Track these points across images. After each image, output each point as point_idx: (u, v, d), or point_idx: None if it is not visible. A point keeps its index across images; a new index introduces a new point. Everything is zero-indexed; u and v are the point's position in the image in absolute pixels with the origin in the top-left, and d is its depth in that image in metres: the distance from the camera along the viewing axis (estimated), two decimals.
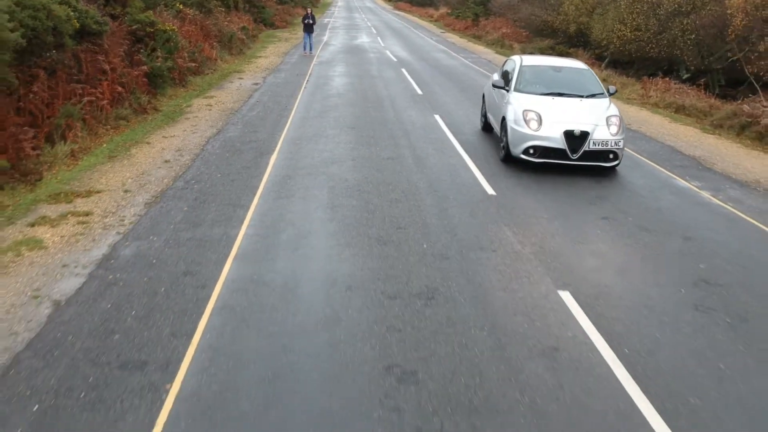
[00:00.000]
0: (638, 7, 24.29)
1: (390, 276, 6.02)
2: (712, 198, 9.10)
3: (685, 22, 22.49)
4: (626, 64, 27.15)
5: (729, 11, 19.92)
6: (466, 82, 19.34)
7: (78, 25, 11.60)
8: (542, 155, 9.27)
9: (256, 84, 17.42)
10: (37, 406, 4.06)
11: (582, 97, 9.98)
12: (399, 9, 79.23)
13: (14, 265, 6.03)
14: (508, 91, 10.27)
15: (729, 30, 19.60)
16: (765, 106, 14.12)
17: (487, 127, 12.08)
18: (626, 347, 4.99)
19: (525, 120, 9.33)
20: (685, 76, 23.23)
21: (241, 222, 7.22)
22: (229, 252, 6.43)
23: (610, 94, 10.38)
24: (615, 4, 25.96)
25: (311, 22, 25.28)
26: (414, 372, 4.50)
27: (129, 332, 4.94)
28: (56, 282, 5.73)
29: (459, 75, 21.20)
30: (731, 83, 21.91)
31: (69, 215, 7.33)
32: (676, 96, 17.90)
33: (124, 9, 15.44)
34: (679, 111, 16.58)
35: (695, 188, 9.56)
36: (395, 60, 24.35)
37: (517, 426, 4.03)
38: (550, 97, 9.85)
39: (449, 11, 57.27)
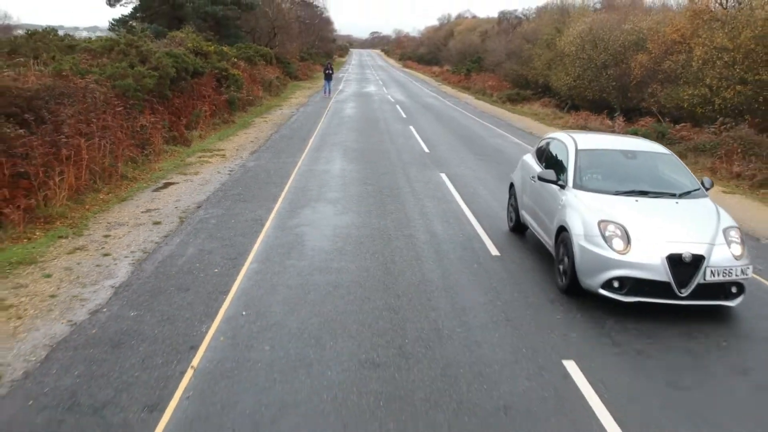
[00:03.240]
0: (577, 62, 32.09)
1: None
2: None
3: (609, 72, 30.20)
4: (579, 107, 34.81)
5: (633, 65, 27.59)
6: (443, 112, 27.12)
7: (192, 68, 19.44)
8: (634, 291, 6.04)
9: (293, 112, 25.25)
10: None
11: (675, 196, 6.99)
12: (407, 67, 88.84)
13: (203, 165, 13.47)
14: (563, 187, 7.17)
15: (630, 78, 27.23)
16: None
17: (520, 225, 8.80)
18: None
19: (603, 236, 6.17)
20: (616, 114, 30.82)
21: (296, 163, 14.58)
22: (294, 168, 13.77)
23: (707, 189, 7.34)
24: (563, 60, 33.83)
25: (330, 72, 33.43)
26: (369, 179, 11.74)
27: (256, 185, 12.25)
28: (218, 173, 13.07)
29: (438, 109, 29.02)
30: (643, 115, 29.40)
31: (213, 155, 14.83)
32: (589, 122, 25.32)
33: (206, 60, 23.40)
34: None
35: None
36: (393, 100, 32.33)
37: (409, 201, 11.20)
38: (631, 198, 6.80)
39: (449, 68, 66.08)
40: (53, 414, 4.38)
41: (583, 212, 6.55)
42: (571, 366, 5.14)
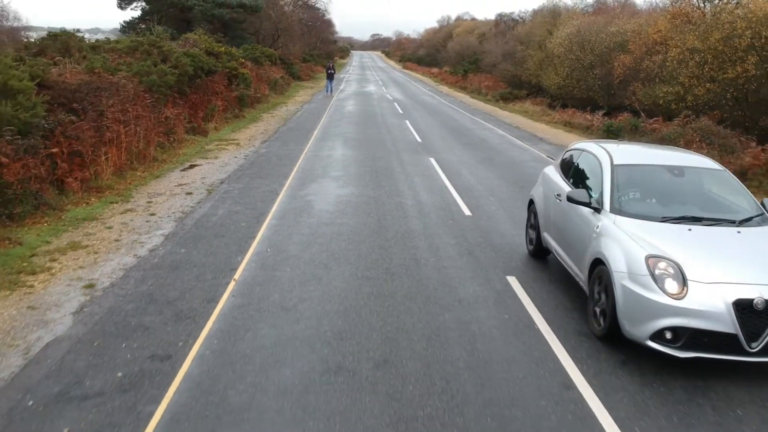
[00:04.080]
0: (566, 62, 33.91)
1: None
2: None
3: (595, 72, 32.02)
4: (567, 105, 36.62)
5: (616, 65, 29.42)
6: (437, 109, 28.97)
7: (207, 67, 21.28)
8: (692, 344, 4.90)
9: (297, 108, 27.11)
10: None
11: (736, 223, 5.83)
12: (407, 68, 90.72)
13: (221, 151, 15.32)
14: (598, 210, 6.04)
15: (614, 78, 29.06)
16: None
17: (541, 249, 7.67)
18: None
19: (653, 275, 5.01)
20: (604, 111, 32.63)
21: (303, 150, 16.39)
22: (301, 154, 15.59)
23: None
24: (552, 60, 35.67)
25: (332, 72, 35.30)
26: (366, 162, 13.56)
27: (269, 166, 14.07)
28: (235, 158, 14.89)
29: (433, 107, 30.88)
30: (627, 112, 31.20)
31: (229, 143, 16.68)
32: (574, 117, 27.14)
33: (218, 60, 25.24)
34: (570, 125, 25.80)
35: None
36: (391, 98, 34.20)
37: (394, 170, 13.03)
38: (683, 227, 5.66)
39: (448, 69, 67.95)
40: (139, 304, 6.22)
41: (626, 244, 5.37)
42: (512, 279, 7.00)
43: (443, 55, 78.04)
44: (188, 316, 5.92)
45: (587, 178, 6.80)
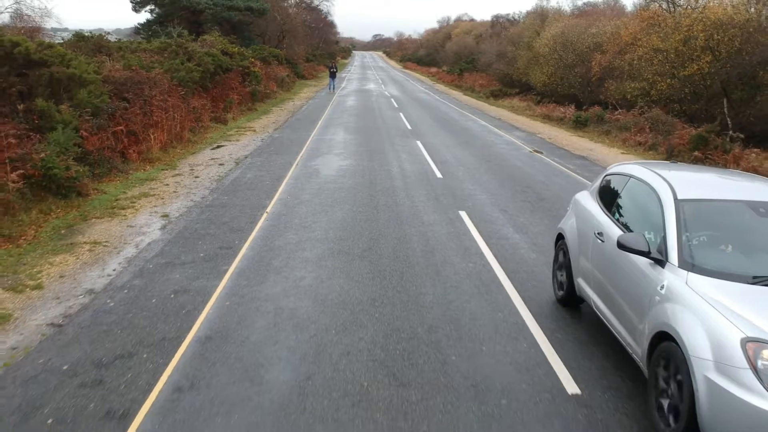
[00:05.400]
0: (550, 61, 36.75)
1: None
2: None
3: (576, 71, 34.85)
4: (550, 101, 39.39)
5: (593, 63, 32.25)
6: (430, 104, 31.89)
7: (225, 65, 24.19)
8: None
9: (303, 103, 30.02)
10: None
11: None
12: (407, 68, 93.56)
13: (241, 136, 18.21)
14: (661, 263, 4.48)
15: (591, 75, 31.91)
16: None
17: (573, 297, 6.17)
18: None
19: (754, 368, 3.52)
20: (585, 106, 35.40)
21: (310, 135, 19.26)
22: (309, 138, 18.46)
23: None
24: (538, 60, 38.50)
25: (335, 70, 38.22)
26: (363, 143, 16.43)
27: (282, 146, 16.96)
28: (254, 140, 17.77)
29: (427, 102, 33.79)
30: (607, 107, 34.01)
31: (247, 130, 19.58)
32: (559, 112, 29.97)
33: (232, 59, 28.15)
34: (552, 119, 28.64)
35: None
36: (389, 95, 37.11)
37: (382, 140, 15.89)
38: None
39: (446, 69, 70.80)
40: (203, 224, 9.10)
41: (708, 317, 3.83)
42: (462, 213, 9.88)
43: (442, 56, 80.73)
44: (239, 229, 8.82)
45: (639, 215, 5.29)
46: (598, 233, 5.52)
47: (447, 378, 4.81)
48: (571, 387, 4.74)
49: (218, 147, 16.41)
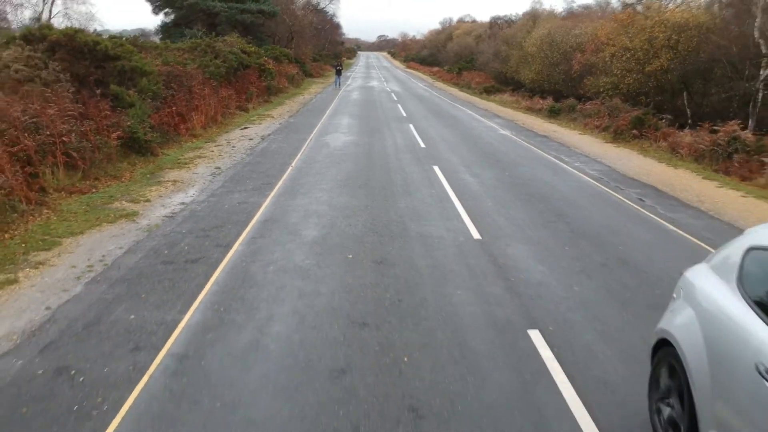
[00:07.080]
0: (538, 59, 40.17)
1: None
2: None
3: (560, 68, 38.27)
4: (543, 97, 42.79)
5: (574, 61, 35.68)
6: (427, 98, 35.43)
7: (245, 63, 27.75)
8: None
9: (312, 97, 33.61)
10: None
11: None
12: (410, 68, 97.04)
13: (263, 121, 21.78)
14: None
15: (573, 72, 35.35)
16: None
17: None
18: None
19: None
20: (568, 100, 38.73)
21: (320, 120, 22.77)
22: (319, 122, 21.97)
23: None
24: (527, 58, 41.93)
25: (340, 68, 41.78)
26: (365, 126, 19.95)
27: (297, 128, 20.50)
28: (273, 124, 21.30)
29: (424, 97, 37.35)
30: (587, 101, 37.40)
31: (266, 116, 23.15)
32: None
33: (250, 57, 31.72)
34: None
35: None
36: (390, 91, 40.67)
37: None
38: None
39: (446, 68, 74.23)
40: (246, 174, 12.62)
41: None
42: (436, 167, 13.40)
43: (444, 55, 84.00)
44: (273, 175, 12.37)
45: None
46: (765, 371, 3.00)
47: (406, 233, 8.35)
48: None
49: (245, 128, 19.96)
